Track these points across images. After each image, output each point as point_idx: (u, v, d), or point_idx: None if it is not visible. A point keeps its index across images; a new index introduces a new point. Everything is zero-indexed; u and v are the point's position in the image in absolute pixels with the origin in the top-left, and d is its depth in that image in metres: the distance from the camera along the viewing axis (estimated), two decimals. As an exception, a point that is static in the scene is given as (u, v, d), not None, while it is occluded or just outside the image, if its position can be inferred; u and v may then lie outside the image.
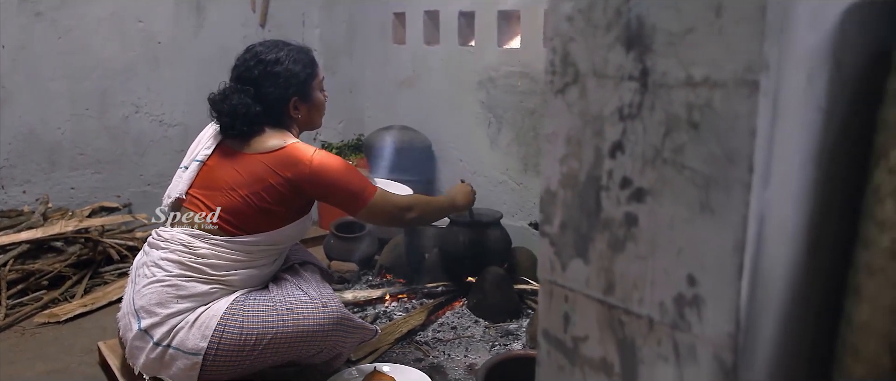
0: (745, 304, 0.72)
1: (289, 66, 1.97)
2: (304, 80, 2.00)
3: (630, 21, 0.79)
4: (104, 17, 3.27)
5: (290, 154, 1.90)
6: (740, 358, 0.74)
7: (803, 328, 0.80)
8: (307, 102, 2.02)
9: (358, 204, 1.95)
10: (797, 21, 0.70)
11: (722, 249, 0.73)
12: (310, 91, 2.02)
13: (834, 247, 0.81)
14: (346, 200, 1.96)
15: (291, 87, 1.97)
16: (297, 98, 1.99)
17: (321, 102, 2.09)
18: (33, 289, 2.64)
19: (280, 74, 1.95)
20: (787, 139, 0.72)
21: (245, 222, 1.91)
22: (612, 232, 0.84)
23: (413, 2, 3.26)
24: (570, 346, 0.93)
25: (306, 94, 2.01)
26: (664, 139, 0.77)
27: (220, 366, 1.86)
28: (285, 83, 1.96)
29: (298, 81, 1.98)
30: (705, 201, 0.74)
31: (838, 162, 0.80)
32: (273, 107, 1.96)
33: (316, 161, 1.90)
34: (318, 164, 1.90)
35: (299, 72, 1.98)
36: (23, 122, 3.14)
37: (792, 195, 0.75)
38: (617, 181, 0.83)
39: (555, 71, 0.89)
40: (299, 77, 1.98)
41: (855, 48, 0.79)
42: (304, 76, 1.99)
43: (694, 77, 0.73)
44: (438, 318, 2.47)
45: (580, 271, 0.89)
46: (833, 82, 0.77)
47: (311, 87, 2.03)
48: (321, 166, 1.91)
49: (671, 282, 0.78)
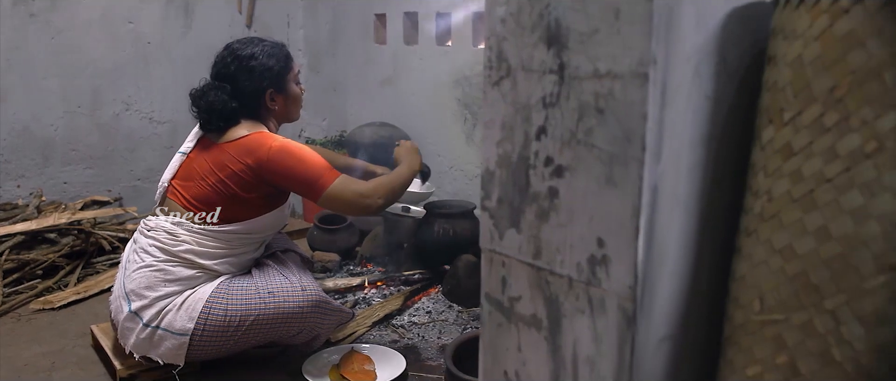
0: (642, 262, 0.86)
1: (263, 60, 2.08)
2: (279, 72, 2.11)
3: (550, 23, 0.93)
4: (95, 18, 3.38)
5: (251, 141, 2.01)
6: (639, 308, 0.87)
7: (697, 283, 0.94)
8: (283, 93, 2.13)
9: (316, 190, 2.01)
10: (682, 22, 0.84)
11: (623, 215, 0.86)
12: (285, 83, 2.13)
13: (726, 216, 0.95)
14: (304, 186, 2.03)
15: (266, 79, 2.08)
16: (273, 90, 2.10)
17: (297, 95, 2.19)
18: (28, 278, 2.75)
19: (255, 69, 2.06)
20: (676, 123, 0.86)
21: (219, 211, 2.02)
22: (538, 204, 0.98)
23: (393, 3, 3.39)
24: (506, 306, 1.06)
25: (281, 86, 2.12)
26: (578, 123, 0.91)
27: (205, 345, 1.98)
28: (260, 76, 2.07)
29: (273, 74, 2.09)
30: (610, 175, 0.87)
31: (727, 143, 0.94)
32: (250, 100, 2.08)
33: (274, 147, 1.99)
34: (277, 149, 1.99)
35: (274, 65, 2.09)
36: (17, 119, 3.25)
37: (683, 170, 0.89)
38: (542, 160, 0.96)
39: (491, 66, 1.03)
40: (274, 70, 2.09)
41: (740, 45, 0.92)
42: (278, 69, 2.10)
43: (599, 70, 0.87)
44: (414, 303, 2.60)
45: (514, 239, 1.03)
46: (719, 75, 0.90)
47: (287, 79, 2.14)
48: (278, 152, 1.99)
49: (585, 245, 0.92)
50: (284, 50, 2.16)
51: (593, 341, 0.93)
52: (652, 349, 0.91)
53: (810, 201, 0.79)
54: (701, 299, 0.95)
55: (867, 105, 0.75)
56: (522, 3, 0.96)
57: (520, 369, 1.05)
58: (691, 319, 0.94)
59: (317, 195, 2.03)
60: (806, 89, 0.79)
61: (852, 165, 0.76)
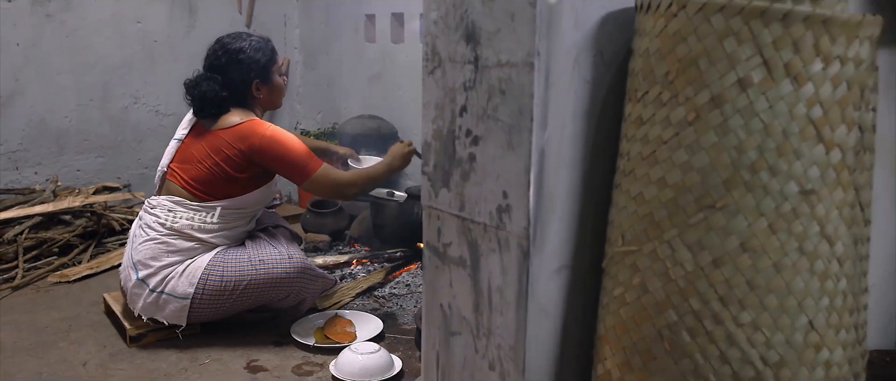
0: (534, 208, 1.11)
1: (251, 53, 2.33)
2: (265, 65, 2.35)
3: (468, 24, 1.18)
4: (106, 18, 3.66)
5: (245, 129, 2.27)
6: (532, 245, 1.13)
7: (584, 227, 1.19)
8: (268, 84, 2.38)
9: (302, 176, 2.30)
10: (562, 23, 1.09)
11: (519, 172, 1.12)
12: (270, 75, 2.38)
13: (608, 176, 1.20)
14: (291, 171, 2.31)
15: (253, 71, 2.33)
16: (259, 81, 2.35)
17: (280, 85, 2.43)
18: (46, 255, 3.02)
19: (243, 61, 2.32)
20: (559, 101, 1.11)
21: (213, 190, 2.29)
22: (462, 167, 1.23)
23: (382, 4, 3.64)
24: (441, 251, 1.32)
25: (267, 77, 2.37)
26: (488, 102, 1.16)
27: (205, 308, 2.25)
28: (248, 68, 2.32)
29: (259, 66, 2.34)
30: (510, 141, 1.13)
31: (606, 118, 1.19)
32: (238, 89, 2.33)
33: (267, 135, 2.26)
34: (268, 137, 2.26)
35: (260, 58, 2.34)
36: (34, 111, 3.53)
37: (567, 138, 1.14)
38: (464, 132, 1.22)
39: (427, 58, 1.29)
40: (260, 62, 2.34)
41: (616, 41, 1.18)
42: (264, 62, 2.35)
43: (502, 60, 1.13)
44: (396, 277, 2.86)
45: (445, 196, 1.28)
46: (597, 65, 1.16)
47: (271, 71, 2.38)
48: (270, 140, 2.26)
49: (494, 198, 1.17)
50: (270, 44, 2.40)
51: (501, 273, 1.18)
52: (547, 278, 1.16)
53: (653, 158, 1.05)
54: (588, 240, 1.20)
55: (689, 85, 1.00)
56: (448, 8, 1.22)
57: (451, 301, 1.31)
58: (580, 255, 1.20)
59: (302, 180, 2.31)
60: (650, 74, 1.05)
61: (680, 131, 1.01)
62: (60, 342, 2.33)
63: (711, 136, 0.99)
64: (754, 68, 0.96)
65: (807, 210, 0.99)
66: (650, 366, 1.06)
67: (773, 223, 0.99)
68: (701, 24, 0.99)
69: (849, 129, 1.00)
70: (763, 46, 0.96)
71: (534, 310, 1.15)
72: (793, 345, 1.02)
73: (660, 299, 1.05)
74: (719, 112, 0.98)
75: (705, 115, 0.99)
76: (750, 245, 0.99)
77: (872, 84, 1.04)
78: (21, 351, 2.26)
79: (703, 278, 1.02)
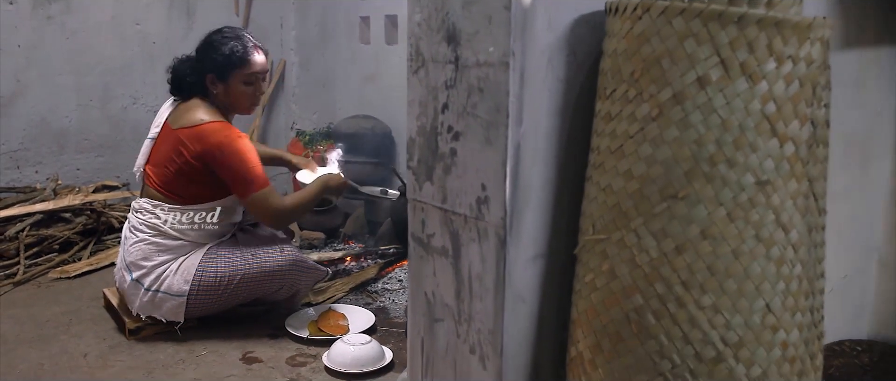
0: (510, 199, 1.18)
1: (216, 47, 2.31)
2: (223, 64, 2.31)
3: (449, 26, 1.25)
4: (106, 20, 3.74)
5: (205, 131, 2.26)
6: (509, 234, 1.19)
7: (559, 217, 1.25)
8: (223, 82, 2.34)
9: (243, 192, 2.28)
10: (536, 25, 1.16)
11: (496, 166, 1.19)
12: (227, 76, 2.33)
13: (581, 169, 1.27)
14: (234, 183, 2.29)
15: (209, 63, 2.32)
16: (214, 75, 2.33)
17: (241, 93, 2.36)
18: (46, 252, 3.09)
19: (206, 51, 2.33)
20: (533, 98, 1.18)
21: (183, 193, 2.32)
22: (444, 162, 1.30)
23: (376, 6, 3.71)
24: (425, 241, 1.39)
25: (223, 76, 2.33)
26: (467, 99, 1.23)
27: (201, 303, 2.31)
28: (206, 59, 2.33)
29: (216, 63, 2.32)
30: (488, 136, 1.20)
31: (580, 114, 1.26)
32: (196, 76, 2.34)
33: (222, 141, 2.25)
34: (227, 144, 2.25)
35: (218, 57, 2.32)
36: (35, 111, 3.60)
37: (542, 133, 1.21)
38: (445, 128, 1.29)
39: (412, 58, 1.36)
40: (217, 60, 2.32)
41: (588, 42, 1.24)
42: (222, 61, 2.31)
43: (480, 60, 1.20)
44: (388, 273, 2.93)
45: (429, 189, 1.35)
46: (570, 64, 1.23)
47: (231, 74, 2.32)
48: (224, 146, 2.25)
49: (474, 190, 1.24)
50: (245, 52, 2.33)
51: (481, 261, 1.25)
52: (523, 265, 1.23)
53: (621, 152, 1.11)
54: (562, 230, 1.27)
55: (653, 83, 1.07)
56: (431, 12, 1.29)
57: (435, 289, 1.38)
58: (555, 244, 1.26)
59: (243, 196, 2.30)
60: (618, 73, 1.12)
61: (644, 126, 1.08)
62: (61, 335, 2.40)
63: (673, 130, 1.06)
64: (712, 67, 1.03)
65: (763, 200, 1.06)
66: (618, 347, 1.13)
67: (731, 212, 1.06)
68: (663, 26, 1.06)
69: (801, 124, 1.07)
70: (720, 47, 1.03)
71: (511, 296, 1.22)
72: (751, 327, 1.09)
73: (627, 284, 1.11)
74: (680, 108, 1.05)
75: (668, 111, 1.06)
76: (710, 233, 1.06)
77: (824, 82, 1.11)
78: (23, 343, 2.33)
79: (667, 264, 1.09)
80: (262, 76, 2.40)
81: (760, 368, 1.10)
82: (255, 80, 2.37)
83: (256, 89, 2.39)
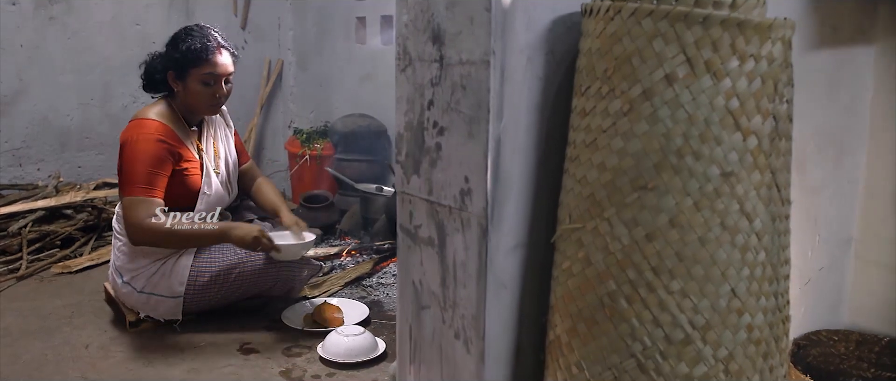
0: (491, 191, 1.25)
1: (177, 44, 2.32)
2: (180, 61, 2.30)
3: (434, 26, 1.32)
4: (106, 20, 3.80)
5: (129, 125, 2.33)
6: (490, 223, 1.26)
7: (539, 208, 1.32)
8: (182, 81, 2.33)
9: (121, 191, 2.29)
10: (515, 26, 1.23)
11: (478, 159, 1.25)
12: (185, 74, 2.32)
13: (560, 162, 1.33)
14: (122, 181, 2.29)
15: (169, 61, 2.33)
16: (174, 73, 2.34)
17: (198, 92, 2.33)
18: (49, 247, 3.16)
19: (169, 47, 2.35)
20: (513, 95, 1.25)
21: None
22: (430, 155, 1.36)
23: (372, 8, 3.78)
24: (413, 232, 1.45)
25: (181, 74, 2.32)
26: (451, 96, 1.29)
27: (198, 300, 2.37)
28: (168, 56, 2.34)
29: (173, 60, 2.32)
30: (470, 131, 1.26)
31: (558, 110, 1.32)
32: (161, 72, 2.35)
33: (128, 139, 2.28)
34: (131, 141, 2.26)
35: (176, 54, 2.31)
36: (37, 110, 3.67)
37: (521, 128, 1.27)
38: (431, 124, 1.35)
39: (399, 57, 1.42)
40: (175, 57, 2.32)
41: (565, 41, 1.31)
42: (179, 58, 2.30)
43: (463, 59, 1.26)
44: (383, 268, 2.99)
45: (416, 182, 1.42)
46: (549, 63, 1.29)
47: (188, 72, 2.31)
48: (127, 145, 2.27)
49: (458, 182, 1.31)
50: (205, 50, 2.30)
51: (464, 250, 1.31)
52: (504, 254, 1.29)
53: (595, 145, 1.18)
54: (542, 220, 1.33)
55: (624, 80, 1.13)
56: (417, 13, 1.35)
57: (422, 278, 1.44)
58: (534, 233, 1.33)
59: (121, 194, 2.30)
60: (592, 70, 1.18)
61: (616, 121, 1.14)
62: (64, 327, 2.46)
63: (643, 125, 1.12)
64: (679, 65, 1.09)
65: (727, 190, 1.13)
66: (593, 330, 1.20)
67: (697, 202, 1.12)
68: (633, 26, 1.12)
69: (764, 118, 1.13)
70: (686, 46, 1.09)
71: (493, 283, 1.28)
72: (717, 310, 1.15)
73: (601, 270, 1.18)
74: (649, 104, 1.11)
75: (638, 106, 1.12)
76: (678, 221, 1.13)
77: (786, 79, 1.17)
78: (27, 335, 2.39)
79: (638, 252, 1.15)
80: (223, 77, 2.35)
81: (727, 349, 1.17)
82: (213, 80, 2.32)
83: (216, 90, 2.34)
